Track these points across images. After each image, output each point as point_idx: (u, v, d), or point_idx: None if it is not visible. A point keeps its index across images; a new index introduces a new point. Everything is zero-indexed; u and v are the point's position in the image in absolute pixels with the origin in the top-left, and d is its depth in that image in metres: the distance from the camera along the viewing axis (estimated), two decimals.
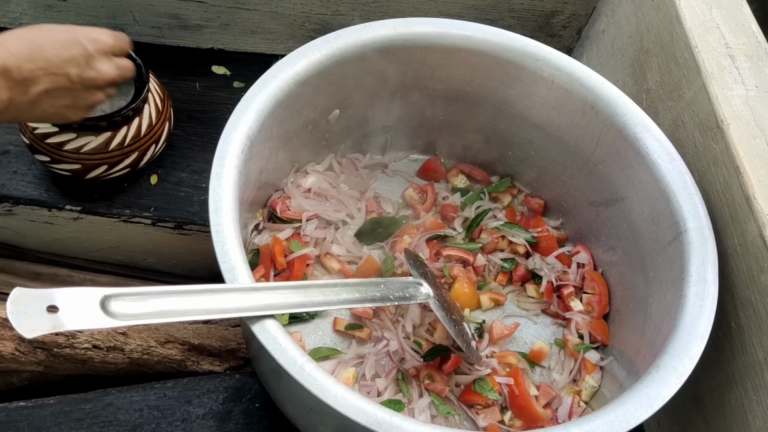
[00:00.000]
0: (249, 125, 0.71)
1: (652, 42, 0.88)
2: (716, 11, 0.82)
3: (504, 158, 0.93)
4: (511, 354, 0.80)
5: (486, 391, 0.75)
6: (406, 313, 0.80)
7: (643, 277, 0.77)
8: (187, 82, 0.97)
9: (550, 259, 0.88)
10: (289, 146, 0.82)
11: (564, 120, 0.83)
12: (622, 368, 0.77)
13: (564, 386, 0.80)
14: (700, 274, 0.68)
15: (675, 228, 0.72)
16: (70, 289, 0.48)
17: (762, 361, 0.65)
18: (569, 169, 0.87)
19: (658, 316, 0.72)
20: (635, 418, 0.58)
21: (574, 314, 0.84)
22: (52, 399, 0.73)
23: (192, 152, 0.91)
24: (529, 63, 0.81)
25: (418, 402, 0.75)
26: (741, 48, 0.79)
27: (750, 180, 0.68)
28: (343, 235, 0.85)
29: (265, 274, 0.80)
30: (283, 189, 0.86)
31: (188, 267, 0.93)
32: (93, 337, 0.77)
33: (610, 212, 0.83)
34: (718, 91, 0.75)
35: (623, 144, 0.78)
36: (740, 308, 0.69)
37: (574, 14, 1.05)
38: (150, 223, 0.85)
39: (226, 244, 0.61)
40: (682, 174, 0.74)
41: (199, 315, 0.54)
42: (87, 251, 0.90)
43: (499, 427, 0.75)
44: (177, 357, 0.80)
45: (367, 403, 0.55)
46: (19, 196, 0.83)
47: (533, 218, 0.92)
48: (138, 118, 0.80)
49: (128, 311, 0.51)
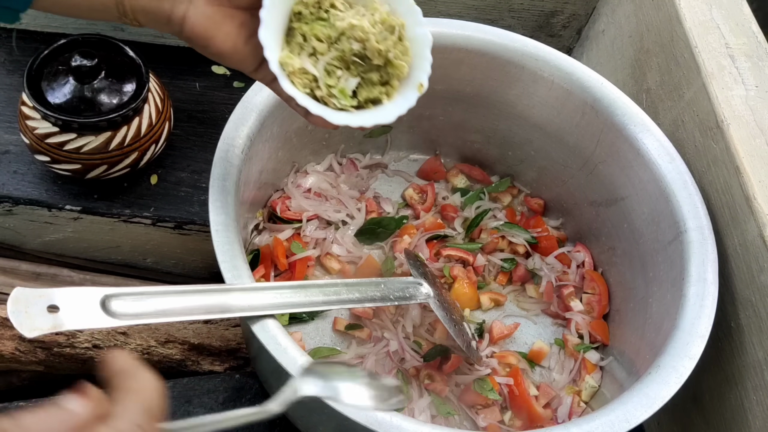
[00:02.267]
0: (249, 125, 0.71)
1: (652, 42, 0.88)
2: (716, 11, 0.82)
3: (504, 158, 0.93)
4: (511, 354, 0.80)
5: (486, 391, 0.75)
6: (406, 313, 0.80)
7: (643, 277, 0.77)
8: (187, 82, 0.97)
9: (550, 259, 0.88)
10: (289, 146, 0.82)
11: (564, 120, 0.83)
12: (622, 368, 0.77)
13: (564, 386, 0.80)
14: (700, 274, 0.68)
15: (675, 228, 0.72)
16: (71, 288, 0.48)
17: (762, 361, 0.65)
18: (569, 169, 0.87)
19: (658, 316, 0.72)
20: (635, 418, 0.58)
21: (574, 314, 0.84)
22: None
23: (192, 152, 0.91)
24: (529, 63, 0.81)
25: (418, 402, 0.75)
26: (741, 48, 0.79)
27: (750, 180, 0.68)
28: (343, 236, 0.85)
29: (265, 275, 0.80)
30: (283, 189, 0.86)
31: (188, 267, 0.93)
32: (93, 336, 0.77)
33: (610, 212, 0.83)
34: (718, 91, 0.75)
35: (623, 144, 0.78)
36: (740, 308, 0.69)
37: (574, 14, 1.05)
38: (150, 223, 0.85)
39: (226, 244, 0.61)
40: (682, 174, 0.74)
41: (199, 315, 0.54)
42: (87, 251, 0.90)
43: (499, 427, 0.75)
44: (177, 357, 0.80)
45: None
46: (19, 196, 0.83)
47: (533, 218, 0.92)
48: (138, 118, 0.80)
49: (128, 311, 0.51)
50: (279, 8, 0.53)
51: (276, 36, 0.54)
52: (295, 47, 0.55)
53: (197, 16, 0.51)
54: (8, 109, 0.90)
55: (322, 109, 0.54)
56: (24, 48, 0.96)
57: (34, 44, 0.96)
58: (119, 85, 0.80)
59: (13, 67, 0.94)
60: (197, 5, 0.51)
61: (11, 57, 0.95)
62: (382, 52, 0.55)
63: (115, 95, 0.79)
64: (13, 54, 0.95)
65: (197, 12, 0.51)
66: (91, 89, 0.78)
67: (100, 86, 0.78)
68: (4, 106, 0.90)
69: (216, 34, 0.52)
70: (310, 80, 0.55)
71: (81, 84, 0.78)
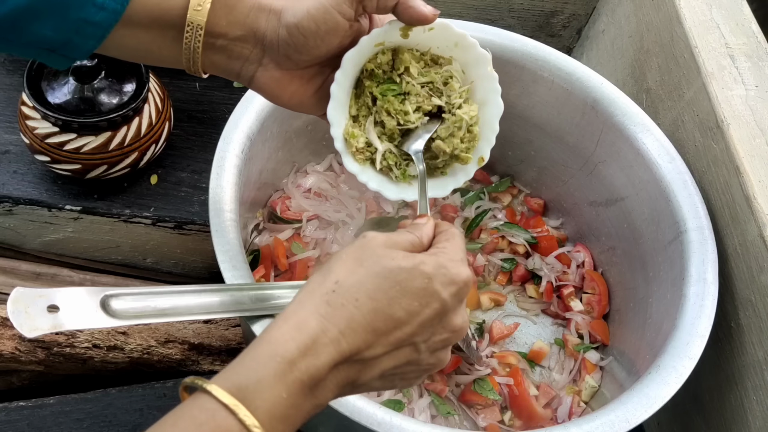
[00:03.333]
0: (249, 125, 0.71)
1: (652, 42, 0.88)
2: (716, 11, 0.82)
3: (504, 158, 0.93)
4: (511, 354, 0.80)
5: (486, 391, 0.75)
6: None
7: (643, 277, 0.77)
8: (187, 82, 0.97)
9: (549, 259, 0.88)
10: (289, 146, 0.82)
11: (564, 120, 0.83)
12: (622, 368, 0.77)
13: (564, 386, 0.80)
14: (700, 274, 0.68)
15: (675, 228, 0.72)
16: (71, 288, 0.48)
17: (762, 361, 0.65)
18: (569, 169, 0.87)
19: (658, 316, 0.72)
20: (635, 418, 0.58)
21: (574, 314, 0.84)
22: (52, 399, 0.73)
23: (192, 152, 0.91)
24: (529, 63, 0.81)
25: (418, 402, 0.75)
26: (741, 48, 0.79)
27: (750, 180, 0.68)
28: (343, 235, 0.85)
29: (265, 275, 0.80)
30: (283, 189, 0.86)
31: (188, 267, 0.93)
32: (93, 336, 0.77)
33: (610, 212, 0.83)
34: (718, 91, 0.75)
35: (623, 144, 0.78)
36: (740, 308, 0.69)
37: (574, 14, 1.05)
38: (150, 223, 0.85)
39: (226, 244, 0.61)
40: (682, 174, 0.74)
41: (199, 315, 0.54)
42: (87, 251, 0.90)
43: (499, 427, 0.75)
44: (177, 357, 0.80)
45: (367, 403, 0.55)
46: (19, 196, 0.83)
47: (533, 218, 0.92)
48: (138, 118, 0.80)
49: (128, 311, 0.51)
50: (349, 75, 0.54)
51: (343, 105, 0.55)
52: (363, 108, 0.56)
53: (265, 78, 0.53)
54: (8, 109, 0.90)
55: (380, 185, 0.56)
56: None
57: None
58: (119, 85, 0.80)
59: (13, 67, 0.94)
60: (267, 68, 0.52)
61: (11, 57, 0.95)
62: (448, 152, 0.56)
63: (115, 95, 0.79)
64: (13, 54, 0.95)
65: (266, 75, 0.53)
66: (91, 89, 0.78)
67: (100, 86, 0.78)
68: (4, 106, 0.90)
69: (283, 94, 0.54)
70: (372, 153, 0.56)
71: (81, 84, 0.78)
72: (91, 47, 0.50)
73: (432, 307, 0.43)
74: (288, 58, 0.51)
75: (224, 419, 0.38)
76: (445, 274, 0.44)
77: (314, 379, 0.40)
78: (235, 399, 0.38)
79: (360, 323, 0.41)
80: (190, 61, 0.51)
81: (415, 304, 0.43)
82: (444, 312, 0.44)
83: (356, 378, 0.43)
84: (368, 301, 0.42)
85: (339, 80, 0.52)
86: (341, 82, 0.53)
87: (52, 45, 0.49)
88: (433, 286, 0.43)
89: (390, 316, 0.42)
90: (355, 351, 0.41)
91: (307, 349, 0.40)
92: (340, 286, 0.42)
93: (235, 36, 0.51)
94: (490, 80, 0.56)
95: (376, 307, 0.42)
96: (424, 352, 0.45)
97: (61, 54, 0.50)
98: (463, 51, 0.55)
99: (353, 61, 0.53)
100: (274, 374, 0.39)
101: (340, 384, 0.42)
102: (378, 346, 0.42)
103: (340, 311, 0.41)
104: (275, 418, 0.39)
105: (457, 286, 0.44)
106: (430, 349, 0.45)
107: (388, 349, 0.43)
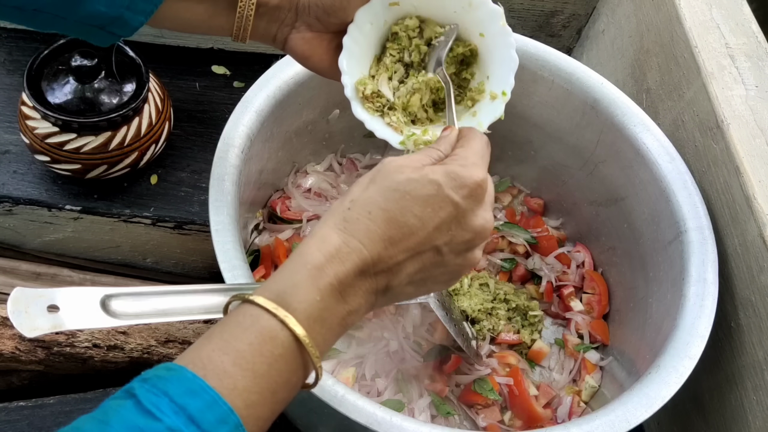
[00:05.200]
0: (249, 125, 0.71)
1: (652, 42, 0.88)
2: (716, 11, 0.82)
3: (504, 158, 0.93)
4: (511, 354, 0.80)
5: (486, 391, 0.75)
6: (406, 313, 0.80)
7: (643, 277, 0.77)
8: (187, 82, 0.97)
9: (549, 259, 0.88)
10: (289, 146, 0.82)
11: (564, 120, 0.83)
12: (622, 368, 0.77)
13: (564, 386, 0.80)
14: (700, 274, 0.68)
15: (675, 228, 0.72)
16: (71, 288, 0.48)
17: (762, 361, 0.65)
18: (569, 169, 0.87)
19: (658, 316, 0.72)
20: (635, 418, 0.58)
21: (574, 314, 0.84)
22: (52, 399, 0.73)
23: (192, 152, 0.91)
24: (529, 63, 0.81)
25: (418, 402, 0.75)
26: (741, 48, 0.79)
27: (750, 180, 0.68)
28: None
29: (265, 275, 0.80)
30: (283, 189, 0.86)
31: (188, 267, 0.93)
32: (93, 336, 0.77)
33: (610, 212, 0.83)
34: (718, 91, 0.75)
35: (623, 144, 0.78)
36: (740, 308, 0.69)
37: (574, 14, 1.05)
38: (150, 223, 0.85)
39: (226, 244, 0.61)
40: (682, 174, 0.74)
41: (199, 315, 0.54)
42: (87, 251, 0.90)
43: (499, 427, 0.75)
44: (177, 357, 0.80)
45: (367, 403, 0.55)
46: (19, 196, 0.83)
47: (533, 218, 0.92)
48: (138, 117, 0.80)
49: (129, 311, 0.51)
50: (368, 34, 0.58)
51: (360, 60, 0.58)
52: (381, 68, 0.59)
53: (297, 39, 0.58)
54: (8, 109, 0.90)
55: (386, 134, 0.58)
56: (24, 48, 0.96)
57: (34, 44, 0.96)
58: (119, 85, 0.80)
59: (13, 67, 0.94)
60: (299, 30, 0.58)
61: (11, 57, 0.95)
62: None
63: (115, 95, 0.79)
64: (13, 54, 0.95)
65: (298, 36, 0.58)
66: (91, 89, 0.78)
67: (100, 86, 0.78)
68: (4, 106, 0.90)
69: (312, 54, 0.59)
70: (383, 104, 0.58)
71: (81, 84, 0.78)
72: (139, 24, 0.53)
73: (446, 210, 0.46)
74: (318, 20, 0.56)
75: (267, 321, 0.42)
76: (454, 178, 0.46)
77: (343, 284, 0.44)
78: (275, 303, 0.42)
79: (376, 233, 0.45)
80: (241, 29, 0.57)
81: (428, 210, 0.46)
82: (460, 215, 0.47)
83: (386, 286, 0.46)
84: (380, 212, 0.45)
85: (351, 32, 0.56)
86: (353, 35, 0.56)
87: (102, 22, 0.52)
88: (444, 191, 0.46)
89: (404, 224, 0.45)
90: (377, 259, 0.45)
91: (332, 257, 0.44)
92: (354, 203, 0.46)
93: (275, 4, 0.56)
94: (504, 35, 0.57)
95: (389, 216, 0.45)
96: (448, 254, 0.47)
97: (108, 31, 0.53)
98: (476, 9, 0.57)
99: (367, 16, 0.56)
100: (307, 279, 0.43)
101: (370, 290, 0.46)
102: (398, 253, 0.45)
103: (356, 225, 0.45)
104: (312, 318, 0.43)
105: (468, 188, 0.46)
106: (453, 251, 0.48)
107: (409, 254, 0.46)
